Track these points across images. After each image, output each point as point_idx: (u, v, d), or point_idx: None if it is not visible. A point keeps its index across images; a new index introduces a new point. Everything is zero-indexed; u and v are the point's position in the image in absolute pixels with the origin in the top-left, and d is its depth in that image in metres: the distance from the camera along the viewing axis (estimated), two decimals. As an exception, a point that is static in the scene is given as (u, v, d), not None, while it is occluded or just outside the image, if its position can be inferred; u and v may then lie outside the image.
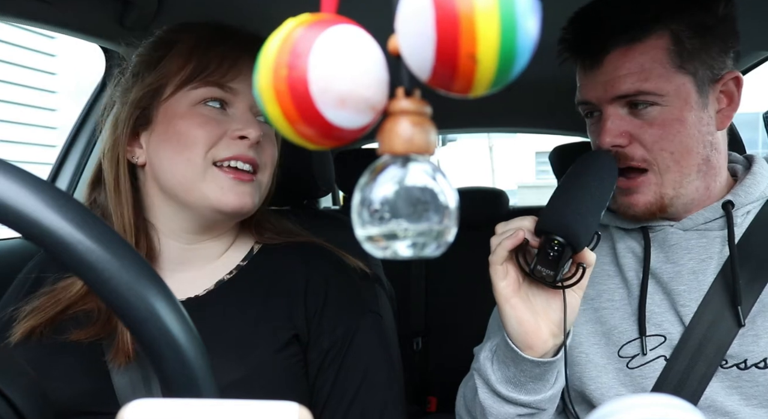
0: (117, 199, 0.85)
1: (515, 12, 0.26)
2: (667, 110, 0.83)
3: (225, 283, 0.88)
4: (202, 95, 0.83)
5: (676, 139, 0.84)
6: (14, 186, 0.35)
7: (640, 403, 0.34)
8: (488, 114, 2.35)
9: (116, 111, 0.87)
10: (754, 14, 1.19)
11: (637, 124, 0.85)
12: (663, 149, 0.84)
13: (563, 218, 0.76)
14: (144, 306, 0.37)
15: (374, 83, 0.30)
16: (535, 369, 0.79)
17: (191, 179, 0.82)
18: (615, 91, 0.84)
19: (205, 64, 0.83)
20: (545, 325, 0.79)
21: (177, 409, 0.30)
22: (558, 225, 0.76)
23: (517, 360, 0.79)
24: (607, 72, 0.84)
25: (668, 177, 0.85)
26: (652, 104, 0.84)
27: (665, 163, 0.85)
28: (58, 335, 0.79)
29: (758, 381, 0.81)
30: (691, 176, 0.86)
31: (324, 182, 1.29)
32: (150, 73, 0.84)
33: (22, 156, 5.89)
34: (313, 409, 0.85)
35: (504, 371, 0.82)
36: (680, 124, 0.83)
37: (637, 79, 0.83)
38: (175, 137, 0.82)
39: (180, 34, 0.86)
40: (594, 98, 0.88)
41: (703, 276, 0.86)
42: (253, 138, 0.83)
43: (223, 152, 0.82)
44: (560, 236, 0.75)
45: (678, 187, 0.86)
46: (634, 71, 0.83)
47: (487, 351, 0.86)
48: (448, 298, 2.12)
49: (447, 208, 0.30)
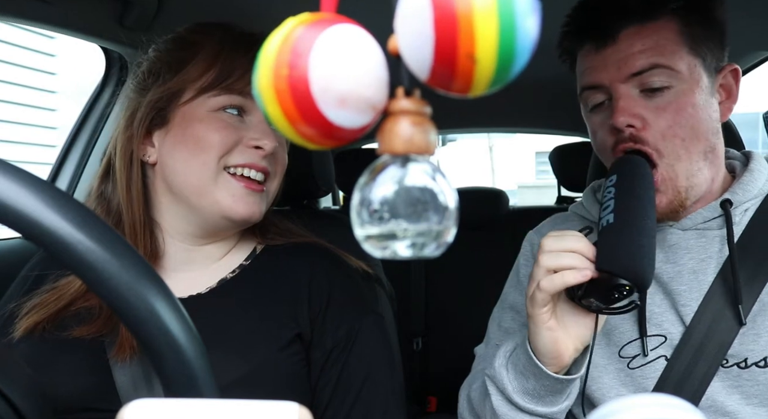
0: (128, 197, 0.85)
1: (514, 11, 0.26)
2: (680, 92, 0.82)
3: (228, 282, 0.88)
4: (222, 103, 0.83)
5: (688, 124, 0.82)
6: (14, 186, 0.35)
7: (640, 403, 0.34)
8: (488, 114, 2.35)
9: (130, 107, 0.86)
10: (754, 14, 1.19)
11: (650, 107, 0.83)
12: (675, 135, 0.82)
13: (634, 262, 0.71)
14: (144, 306, 0.37)
15: (375, 83, 0.30)
16: (557, 385, 0.79)
17: (204, 182, 0.82)
18: (630, 68, 0.82)
19: (227, 72, 0.82)
20: (572, 342, 0.77)
21: (177, 409, 0.30)
22: (628, 269, 0.70)
23: (539, 375, 0.79)
24: (621, 49, 0.83)
25: (680, 167, 0.83)
26: (665, 88, 0.82)
27: (676, 151, 0.83)
28: (60, 331, 0.79)
29: (758, 379, 0.81)
30: (699, 163, 0.85)
31: (324, 182, 1.29)
32: (170, 75, 0.84)
33: (22, 156, 5.89)
34: (315, 409, 0.86)
35: (522, 382, 0.81)
36: (692, 107, 0.83)
37: (653, 54, 0.82)
38: (192, 140, 0.82)
39: (202, 37, 0.86)
40: (606, 79, 0.85)
41: (703, 276, 0.86)
42: (269, 149, 0.83)
43: (236, 158, 0.82)
44: (632, 283, 0.70)
45: (690, 176, 0.84)
46: (649, 46, 0.82)
47: (501, 358, 0.85)
48: (448, 298, 2.12)
49: (447, 208, 0.30)
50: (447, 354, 1.98)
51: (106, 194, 0.89)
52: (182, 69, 0.84)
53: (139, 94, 0.86)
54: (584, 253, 0.74)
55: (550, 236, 0.76)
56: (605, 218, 0.75)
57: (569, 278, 0.72)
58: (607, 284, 0.71)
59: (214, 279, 0.88)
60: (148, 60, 0.88)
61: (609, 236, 0.74)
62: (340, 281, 0.92)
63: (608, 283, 0.71)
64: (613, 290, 0.71)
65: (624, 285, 0.70)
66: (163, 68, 0.85)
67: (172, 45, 0.88)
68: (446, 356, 2.00)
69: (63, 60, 6.60)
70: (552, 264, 0.74)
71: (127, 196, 0.85)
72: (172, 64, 0.84)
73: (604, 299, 0.72)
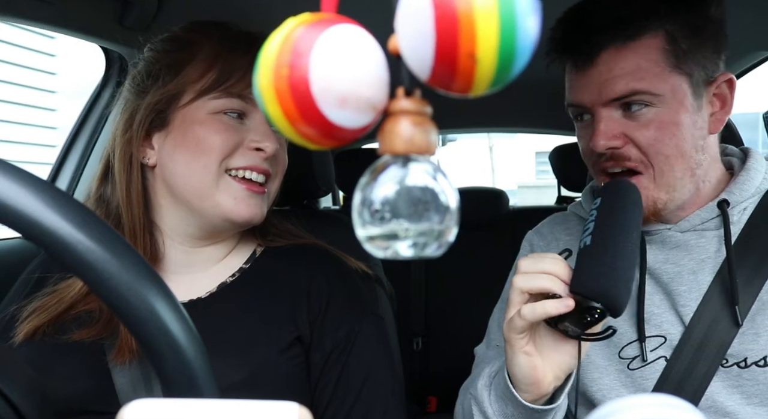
0: (127, 199, 0.84)
1: (515, 11, 0.26)
2: (663, 111, 0.81)
3: (227, 285, 0.88)
4: (222, 106, 0.82)
5: (672, 142, 0.81)
6: (14, 186, 0.35)
7: (640, 403, 0.34)
8: (488, 114, 2.35)
9: (128, 109, 0.86)
10: (754, 14, 1.19)
11: (632, 125, 0.82)
12: (659, 151, 0.81)
13: (606, 285, 0.69)
14: (144, 306, 0.37)
15: (375, 83, 0.30)
16: (534, 414, 0.77)
17: (206, 185, 0.82)
18: (609, 93, 0.81)
19: (227, 74, 0.82)
20: (550, 369, 0.74)
21: (177, 409, 0.30)
22: (598, 292, 0.69)
23: (515, 402, 0.77)
24: (601, 72, 0.81)
25: (662, 182, 0.83)
26: (647, 105, 0.81)
27: (660, 166, 0.82)
28: (60, 335, 0.79)
29: (758, 379, 0.81)
30: (684, 179, 0.84)
31: (324, 182, 1.29)
32: (169, 77, 0.83)
33: (22, 156, 5.90)
34: (316, 410, 0.86)
35: (501, 406, 0.80)
36: (675, 126, 0.81)
37: (632, 79, 0.80)
38: (193, 143, 0.81)
39: (200, 36, 0.85)
40: (587, 101, 0.84)
41: (702, 276, 0.86)
42: (270, 151, 0.83)
43: (238, 161, 0.82)
44: (603, 306, 0.69)
45: (671, 191, 0.83)
46: (628, 71, 0.80)
47: (485, 378, 0.84)
48: (448, 298, 2.12)
49: (448, 208, 0.30)
50: (447, 354, 1.98)
51: (105, 197, 0.88)
52: (181, 71, 0.83)
53: (138, 96, 0.85)
54: (560, 275, 0.72)
55: (527, 258, 0.75)
56: (583, 240, 0.74)
57: (550, 309, 0.70)
58: (579, 306, 0.69)
59: (214, 283, 0.88)
60: (145, 60, 0.87)
61: (584, 259, 0.72)
62: (339, 282, 0.92)
63: (580, 305, 0.69)
64: (585, 314, 0.69)
65: (595, 308, 0.69)
66: (162, 70, 0.84)
67: (169, 45, 0.87)
68: (446, 356, 2.00)
69: (63, 60, 6.60)
70: (526, 286, 0.72)
71: (126, 198, 0.84)
72: (171, 65, 0.84)
73: (577, 323, 0.70)
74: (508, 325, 0.74)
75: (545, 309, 0.70)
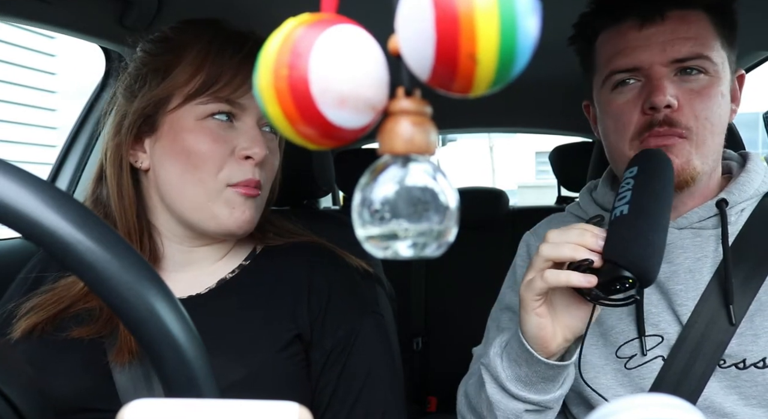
0: (120, 203, 0.84)
1: (515, 11, 0.26)
2: (714, 81, 0.83)
3: (227, 282, 0.88)
4: (210, 110, 0.81)
5: (716, 112, 0.83)
6: (14, 186, 0.35)
7: (640, 403, 0.34)
8: (488, 114, 2.35)
9: (119, 113, 0.85)
10: (755, 14, 1.19)
11: (685, 90, 0.83)
12: (707, 118, 0.82)
13: (642, 256, 0.69)
14: (144, 306, 0.37)
15: (375, 83, 0.30)
16: (549, 372, 0.79)
17: (202, 199, 0.82)
18: (674, 53, 0.82)
19: (215, 77, 0.81)
20: (560, 331, 0.77)
21: (177, 409, 0.30)
22: (634, 262, 0.69)
23: (530, 361, 0.79)
24: (666, 32, 0.82)
25: (702, 150, 0.83)
26: (701, 72, 0.83)
27: (704, 134, 0.83)
28: (59, 332, 0.79)
29: (757, 380, 0.81)
30: (716, 155, 0.86)
31: (324, 182, 1.29)
32: (156, 82, 0.82)
33: (22, 156, 5.90)
34: (316, 410, 0.86)
35: (515, 369, 0.81)
36: (722, 98, 0.84)
37: (695, 44, 0.82)
38: (184, 154, 0.81)
39: (188, 37, 0.84)
40: (645, 60, 0.83)
41: (700, 275, 0.86)
42: (258, 158, 0.83)
43: (236, 175, 0.82)
44: (635, 275, 0.69)
45: (705, 161, 0.84)
46: (692, 35, 0.82)
47: (497, 347, 0.85)
48: (448, 298, 2.12)
49: (447, 208, 0.30)
50: (447, 354, 1.98)
51: (102, 199, 0.89)
52: (169, 74, 0.82)
53: (127, 100, 0.84)
54: (587, 246, 0.73)
55: (555, 230, 0.76)
56: (619, 208, 0.74)
57: (574, 280, 0.71)
58: (611, 274, 0.70)
59: (213, 280, 0.88)
60: (134, 62, 0.87)
61: (621, 228, 0.73)
62: (339, 281, 0.91)
63: (612, 274, 0.70)
64: (616, 282, 0.70)
65: (627, 278, 0.70)
66: (150, 74, 0.83)
67: (157, 47, 0.86)
68: (446, 356, 2.00)
69: (63, 60, 6.60)
70: (552, 254, 0.74)
71: (119, 202, 0.84)
72: (159, 69, 0.83)
73: (604, 289, 0.72)
74: (526, 286, 0.76)
75: (569, 279, 0.71)
